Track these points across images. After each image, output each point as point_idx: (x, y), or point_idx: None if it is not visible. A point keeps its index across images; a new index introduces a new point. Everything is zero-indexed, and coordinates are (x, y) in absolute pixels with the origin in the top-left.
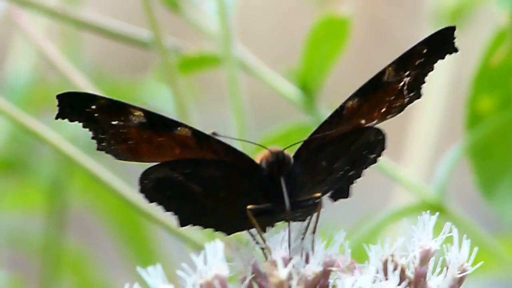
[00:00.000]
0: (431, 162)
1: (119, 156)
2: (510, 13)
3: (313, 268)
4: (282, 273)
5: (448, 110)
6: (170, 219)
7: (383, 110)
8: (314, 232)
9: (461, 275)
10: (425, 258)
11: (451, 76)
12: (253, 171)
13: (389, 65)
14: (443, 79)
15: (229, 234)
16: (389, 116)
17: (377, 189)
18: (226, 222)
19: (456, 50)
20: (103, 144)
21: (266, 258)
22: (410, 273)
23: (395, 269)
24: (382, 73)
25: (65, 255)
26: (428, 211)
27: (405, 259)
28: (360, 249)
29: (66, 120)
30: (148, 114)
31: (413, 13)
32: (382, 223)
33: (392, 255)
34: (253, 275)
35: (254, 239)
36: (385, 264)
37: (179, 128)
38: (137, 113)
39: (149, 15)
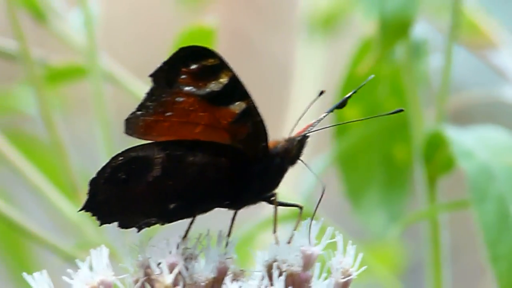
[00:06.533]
0: (302, 171)
1: (135, 128)
2: (376, 22)
3: (206, 274)
4: (167, 278)
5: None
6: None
7: None
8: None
9: (345, 279)
10: (308, 263)
11: (321, 85)
12: (261, 159)
13: None
14: (312, 88)
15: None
16: None
17: None
18: (169, 212)
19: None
20: (138, 112)
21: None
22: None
23: (280, 274)
24: None
25: None
26: (307, 219)
27: (291, 265)
28: (242, 253)
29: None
30: (233, 77)
31: (276, 24)
32: (251, 231)
33: (277, 261)
34: (146, 277)
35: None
36: (269, 270)
37: (236, 103)
38: (223, 78)
39: (16, 27)
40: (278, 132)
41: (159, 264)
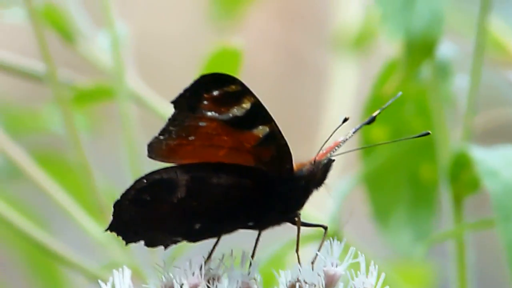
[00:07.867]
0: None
1: (158, 152)
2: (401, 43)
3: None
4: None
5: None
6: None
7: None
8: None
9: None
10: (330, 283)
11: (349, 105)
12: (285, 181)
13: None
14: (341, 108)
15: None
16: None
17: None
18: (195, 231)
19: None
20: (161, 137)
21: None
22: None
23: None
24: None
25: None
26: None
27: (313, 285)
28: (266, 274)
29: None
30: (255, 103)
31: (323, 38)
32: (280, 251)
33: (299, 281)
34: None
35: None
36: None
37: (260, 127)
38: (246, 104)
39: (43, 49)
40: (311, 143)
41: (182, 285)
